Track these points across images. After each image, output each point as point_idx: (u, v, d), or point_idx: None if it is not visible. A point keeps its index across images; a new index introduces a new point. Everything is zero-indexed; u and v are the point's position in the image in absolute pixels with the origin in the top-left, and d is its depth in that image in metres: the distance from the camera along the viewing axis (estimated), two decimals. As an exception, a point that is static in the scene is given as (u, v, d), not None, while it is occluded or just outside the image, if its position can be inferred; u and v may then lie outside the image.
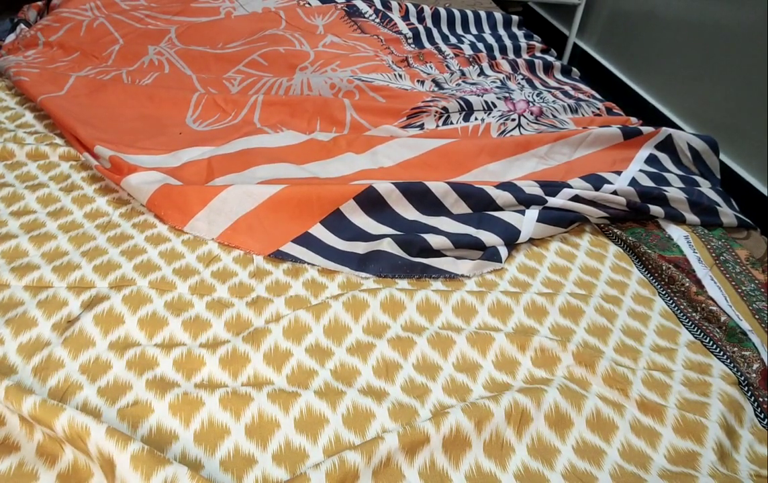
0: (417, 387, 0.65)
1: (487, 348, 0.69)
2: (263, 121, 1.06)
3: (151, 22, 1.27)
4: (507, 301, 0.76)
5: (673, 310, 0.81)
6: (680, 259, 0.88)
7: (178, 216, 0.81)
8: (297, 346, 0.67)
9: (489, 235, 0.84)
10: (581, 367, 0.68)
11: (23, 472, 0.52)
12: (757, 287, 0.84)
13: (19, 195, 0.83)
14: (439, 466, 0.57)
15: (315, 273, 0.78)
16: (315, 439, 0.58)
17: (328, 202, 0.84)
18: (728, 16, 1.61)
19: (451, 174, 0.99)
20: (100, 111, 1.03)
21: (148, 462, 0.50)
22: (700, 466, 0.60)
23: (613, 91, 1.95)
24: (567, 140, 1.06)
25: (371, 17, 1.44)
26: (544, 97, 1.26)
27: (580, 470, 0.59)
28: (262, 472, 0.55)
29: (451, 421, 0.58)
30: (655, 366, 0.71)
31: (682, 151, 1.09)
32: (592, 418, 0.63)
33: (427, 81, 1.25)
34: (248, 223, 0.81)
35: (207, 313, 0.70)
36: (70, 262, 0.73)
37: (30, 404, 0.53)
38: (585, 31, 2.23)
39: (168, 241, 0.79)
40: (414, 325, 0.72)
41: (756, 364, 0.72)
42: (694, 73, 1.74)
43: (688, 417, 0.64)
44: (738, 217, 0.97)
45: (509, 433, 0.60)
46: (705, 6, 1.68)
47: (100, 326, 0.65)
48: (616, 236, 0.93)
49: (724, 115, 1.64)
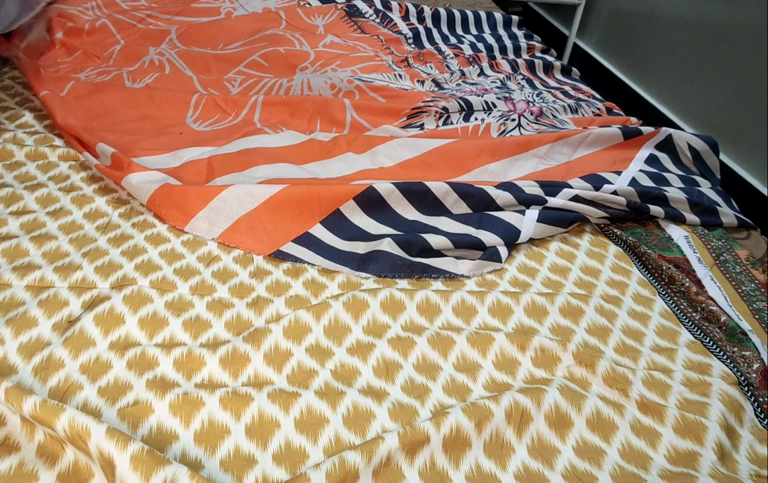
0: (417, 387, 0.65)
1: (487, 348, 0.69)
2: (263, 121, 1.06)
3: (152, 22, 1.27)
4: (507, 301, 0.76)
5: (673, 310, 0.81)
6: (680, 259, 0.88)
7: (178, 215, 0.81)
8: (297, 346, 0.67)
9: (489, 235, 0.84)
10: (581, 367, 0.68)
11: (23, 473, 0.52)
12: (757, 287, 0.84)
13: (19, 195, 0.83)
14: (439, 466, 0.57)
15: (315, 273, 0.78)
16: (315, 439, 0.58)
17: (329, 202, 0.84)
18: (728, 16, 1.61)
19: (451, 174, 0.99)
20: (101, 112, 1.03)
21: (148, 462, 0.50)
22: (700, 466, 0.60)
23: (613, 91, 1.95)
24: (567, 140, 1.06)
25: (371, 17, 1.44)
26: (544, 97, 1.26)
27: (580, 470, 0.59)
28: (262, 472, 0.55)
29: (451, 421, 0.58)
30: (655, 366, 0.71)
31: (682, 151, 1.09)
32: (592, 418, 0.63)
33: (427, 81, 1.25)
34: (249, 223, 0.81)
35: (207, 314, 0.70)
36: (71, 263, 0.73)
37: (30, 405, 0.53)
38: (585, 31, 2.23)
39: (168, 242, 0.79)
40: (414, 325, 0.72)
41: (756, 364, 0.72)
42: (694, 73, 1.74)
43: (688, 417, 0.64)
44: (738, 217, 0.97)
45: (509, 433, 0.60)
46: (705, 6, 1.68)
47: (100, 326, 0.65)
48: (616, 236, 0.93)
49: (724, 115, 1.64)
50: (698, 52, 1.71)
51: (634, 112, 1.32)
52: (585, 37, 2.24)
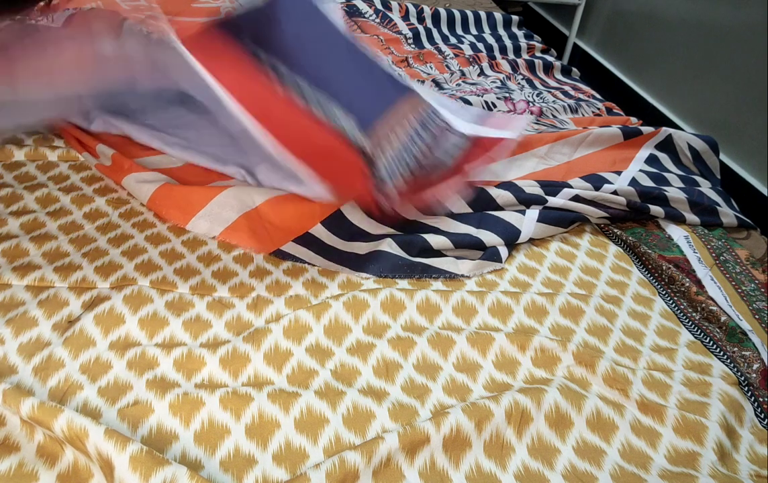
0: (417, 387, 0.65)
1: (487, 348, 0.69)
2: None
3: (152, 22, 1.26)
4: (507, 301, 0.76)
5: (673, 310, 0.81)
6: (680, 259, 0.88)
7: (179, 215, 0.81)
8: (297, 346, 0.67)
9: (489, 234, 0.84)
10: (581, 367, 0.68)
11: (23, 473, 0.52)
12: (757, 287, 0.84)
13: (19, 195, 0.83)
14: (439, 466, 0.57)
15: (315, 273, 0.78)
16: (315, 439, 0.58)
17: (329, 202, 0.84)
18: (728, 16, 1.61)
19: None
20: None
21: (147, 463, 0.50)
22: (700, 466, 0.60)
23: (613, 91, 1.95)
24: (567, 140, 1.06)
25: (371, 17, 1.44)
26: (544, 97, 1.27)
27: (580, 470, 0.59)
28: (262, 472, 0.55)
29: (452, 421, 0.58)
30: (656, 366, 0.71)
31: (682, 151, 1.09)
32: (593, 418, 0.63)
33: (427, 81, 1.25)
34: (249, 222, 0.81)
35: (207, 314, 0.70)
36: (71, 263, 0.73)
37: (28, 406, 0.53)
38: (585, 31, 2.23)
39: (168, 241, 0.79)
40: (414, 325, 0.72)
41: (756, 364, 0.72)
42: (694, 73, 1.74)
43: (688, 417, 0.64)
44: (738, 217, 0.97)
45: (509, 432, 0.60)
46: (705, 6, 1.68)
47: (100, 326, 0.65)
48: (616, 236, 0.93)
49: (724, 115, 1.64)
50: (698, 52, 1.71)
51: (634, 112, 1.32)
52: (585, 37, 2.24)
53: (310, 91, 0.72)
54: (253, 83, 0.71)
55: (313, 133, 0.71)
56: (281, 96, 0.71)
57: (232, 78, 0.70)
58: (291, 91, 0.71)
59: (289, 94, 0.70)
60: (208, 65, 0.69)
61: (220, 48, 0.74)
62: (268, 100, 0.71)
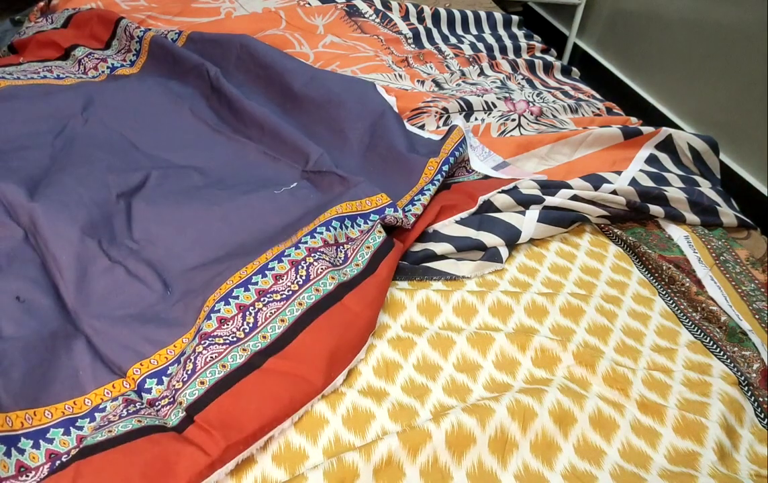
0: (417, 387, 0.65)
1: (488, 348, 0.69)
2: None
3: (152, 23, 1.26)
4: (507, 301, 0.76)
5: (673, 310, 0.81)
6: (680, 259, 0.88)
7: None
8: (297, 346, 0.67)
9: (490, 236, 0.84)
10: (581, 367, 0.68)
11: None
12: (757, 287, 0.84)
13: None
14: (441, 464, 0.57)
15: (315, 273, 0.78)
16: (315, 439, 0.58)
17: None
18: (728, 16, 1.61)
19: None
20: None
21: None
22: (700, 466, 0.60)
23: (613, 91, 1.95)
24: (567, 140, 1.06)
25: (371, 17, 1.44)
26: (544, 97, 1.26)
27: (580, 470, 0.59)
28: (261, 473, 0.55)
29: (452, 420, 0.58)
30: (656, 366, 0.71)
31: (682, 151, 1.09)
32: (593, 418, 0.63)
33: (427, 81, 1.25)
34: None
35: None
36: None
37: None
38: (585, 31, 2.23)
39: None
40: (414, 325, 0.72)
41: (756, 364, 0.72)
42: (694, 73, 1.74)
43: (688, 417, 0.64)
44: (738, 217, 0.97)
45: (514, 428, 0.60)
46: (705, 6, 1.68)
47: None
48: (616, 236, 0.93)
49: (724, 115, 1.64)
50: (698, 52, 1.71)
51: (634, 112, 1.32)
52: (585, 37, 2.24)
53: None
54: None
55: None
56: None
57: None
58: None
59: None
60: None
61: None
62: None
